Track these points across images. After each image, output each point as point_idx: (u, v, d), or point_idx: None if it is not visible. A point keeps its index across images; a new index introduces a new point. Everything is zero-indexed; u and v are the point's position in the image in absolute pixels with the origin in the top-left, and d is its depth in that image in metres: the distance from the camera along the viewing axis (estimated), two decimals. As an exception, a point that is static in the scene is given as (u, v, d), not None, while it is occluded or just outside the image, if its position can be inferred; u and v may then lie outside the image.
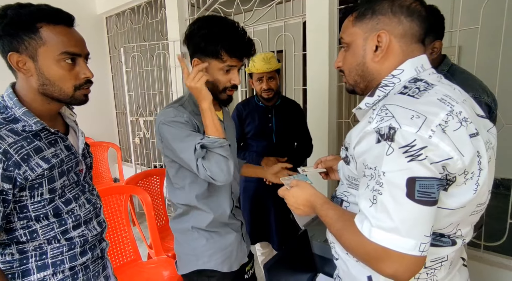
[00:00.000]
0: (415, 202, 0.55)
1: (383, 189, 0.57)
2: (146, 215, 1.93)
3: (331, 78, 2.26)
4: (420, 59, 0.69)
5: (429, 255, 0.65)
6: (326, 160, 1.11)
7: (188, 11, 3.21)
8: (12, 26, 0.73)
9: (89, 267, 0.92)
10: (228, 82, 1.04)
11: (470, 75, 1.32)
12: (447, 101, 0.61)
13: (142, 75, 3.67)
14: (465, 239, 0.69)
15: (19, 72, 0.78)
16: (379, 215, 0.57)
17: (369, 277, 0.71)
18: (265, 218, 1.90)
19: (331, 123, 2.31)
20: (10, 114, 0.76)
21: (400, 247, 0.55)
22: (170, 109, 1.02)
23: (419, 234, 0.55)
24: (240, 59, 1.02)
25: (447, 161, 0.55)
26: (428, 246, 0.57)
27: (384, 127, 0.57)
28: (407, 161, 0.55)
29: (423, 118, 0.56)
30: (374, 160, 0.59)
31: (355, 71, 0.74)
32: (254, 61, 1.75)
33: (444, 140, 0.55)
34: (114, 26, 4.03)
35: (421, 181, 0.54)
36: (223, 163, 0.96)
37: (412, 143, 0.55)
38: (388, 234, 0.56)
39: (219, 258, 1.13)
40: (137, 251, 1.91)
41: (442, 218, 0.62)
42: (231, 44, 0.98)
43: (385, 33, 0.67)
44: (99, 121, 4.09)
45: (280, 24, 2.52)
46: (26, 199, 0.77)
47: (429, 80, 0.66)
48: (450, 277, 0.72)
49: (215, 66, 1.01)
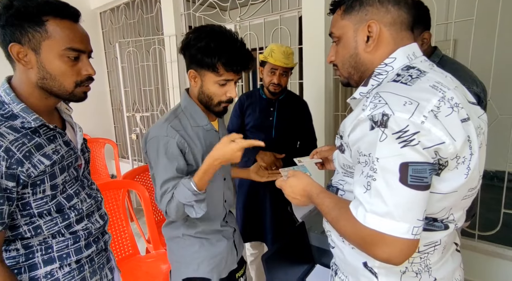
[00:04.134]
0: (408, 186, 0.55)
1: (376, 175, 0.58)
2: (144, 209, 1.94)
3: (327, 71, 2.26)
4: (411, 47, 0.70)
5: (422, 240, 0.66)
6: (322, 150, 1.12)
7: (184, 5, 3.19)
8: (17, 17, 0.71)
9: (94, 260, 0.92)
10: (223, 95, 1.02)
11: (460, 66, 1.34)
12: (439, 87, 0.62)
13: (138, 71, 3.66)
14: (458, 224, 0.70)
15: (19, 63, 0.76)
16: (373, 201, 0.58)
17: (364, 263, 0.73)
18: (259, 214, 1.83)
19: (327, 116, 2.32)
20: (8, 110, 0.74)
21: (394, 231, 0.56)
22: (166, 125, 1.00)
23: (412, 218, 0.56)
24: (237, 73, 1.00)
25: (439, 145, 0.56)
26: (421, 230, 0.58)
27: (377, 114, 0.58)
28: (400, 146, 0.56)
29: (415, 104, 0.57)
30: (368, 147, 0.59)
31: (348, 63, 0.74)
32: (273, 51, 1.65)
33: (437, 125, 0.56)
34: (109, 21, 4.00)
35: (414, 166, 0.55)
36: (181, 210, 0.98)
37: (405, 129, 0.56)
38: (382, 218, 0.57)
39: (208, 266, 1.12)
40: (135, 246, 1.92)
41: (435, 203, 0.63)
42: (228, 58, 0.96)
43: (374, 23, 0.67)
44: (95, 117, 4.07)
45: (276, 17, 2.52)
46: (28, 196, 0.76)
47: (422, 68, 0.67)
48: (443, 261, 0.73)
49: (211, 78, 0.99)
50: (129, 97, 3.66)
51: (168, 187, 0.98)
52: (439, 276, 0.72)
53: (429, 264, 0.70)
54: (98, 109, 4.15)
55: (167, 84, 3.44)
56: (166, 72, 3.40)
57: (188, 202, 0.95)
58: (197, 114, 1.07)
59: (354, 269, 0.76)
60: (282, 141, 1.78)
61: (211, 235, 1.14)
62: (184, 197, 0.95)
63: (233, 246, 1.20)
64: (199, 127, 1.06)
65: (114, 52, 3.77)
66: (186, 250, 1.12)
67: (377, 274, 0.71)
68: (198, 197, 0.96)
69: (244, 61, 0.99)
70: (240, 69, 0.99)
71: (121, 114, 4.07)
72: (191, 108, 1.07)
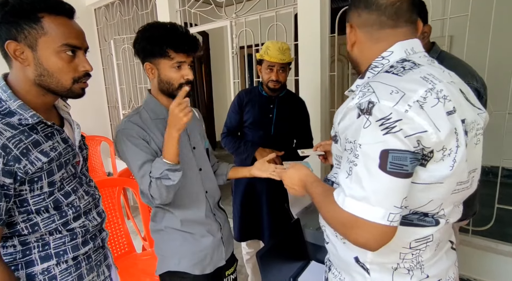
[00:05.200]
0: (387, 173, 0.57)
1: (358, 161, 0.59)
2: (140, 206, 1.93)
3: (323, 68, 2.26)
4: (411, 42, 0.70)
5: (413, 235, 0.67)
6: (326, 144, 1.14)
7: (179, 2, 3.17)
8: (13, 14, 0.72)
9: (91, 257, 0.93)
10: (181, 78, 1.06)
11: (459, 61, 1.33)
12: (430, 79, 0.62)
13: (133, 68, 3.63)
14: (449, 219, 0.70)
15: (16, 60, 0.76)
16: (353, 185, 0.60)
17: (356, 258, 0.73)
18: (256, 213, 1.83)
19: (323, 113, 2.32)
20: (5, 107, 0.75)
21: (370, 216, 0.58)
22: (125, 120, 1.07)
23: (388, 204, 0.57)
24: (187, 53, 1.05)
25: (421, 134, 0.57)
26: (398, 217, 0.58)
27: (364, 102, 0.60)
28: (383, 134, 0.57)
29: (401, 93, 0.59)
30: (354, 134, 0.61)
31: (350, 58, 0.81)
32: (268, 48, 1.66)
33: (420, 114, 0.57)
34: (104, 18, 3.96)
35: (394, 153, 0.56)
36: (162, 187, 0.99)
37: (388, 116, 0.57)
38: (359, 203, 0.58)
39: (190, 261, 1.13)
40: (131, 244, 1.92)
41: (418, 193, 0.63)
42: (174, 40, 1.02)
43: (352, 25, 0.75)
44: (91, 115, 4.04)
45: (271, 14, 2.51)
46: (26, 193, 0.76)
47: (417, 61, 0.68)
48: (437, 259, 0.73)
49: (165, 64, 1.04)
50: (124, 95, 3.64)
51: (145, 171, 1.02)
52: (432, 273, 0.72)
53: (421, 261, 0.70)
54: (94, 107, 4.12)
55: (162, 81, 3.42)
56: (161, 69, 3.38)
57: (162, 174, 0.98)
58: (157, 108, 1.12)
59: (346, 264, 0.76)
60: (280, 138, 1.79)
61: (195, 228, 1.15)
62: (157, 171, 0.99)
63: (220, 243, 1.21)
64: (158, 119, 1.10)
65: (109, 49, 3.74)
66: (168, 244, 1.15)
67: (369, 269, 0.71)
68: (170, 167, 0.99)
69: (191, 42, 1.05)
70: (189, 49, 1.05)
71: (117, 111, 4.04)
72: (151, 102, 1.12)
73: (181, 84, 1.07)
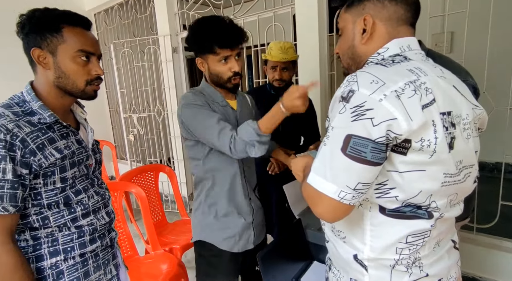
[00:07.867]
0: (345, 155, 0.61)
1: (328, 141, 0.64)
2: (141, 209, 1.93)
3: (322, 67, 2.26)
4: (407, 40, 0.72)
5: (408, 228, 0.67)
6: None
7: (177, 4, 3.18)
8: (39, 25, 0.84)
9: (98, 255, 0.97)
10: (229, 71, 1.15)
11: (449, 59, 1.32)
12: (416, 72, 0.63)
13: (133, 72, 3.64)
14: (444, 214, 0.69)
15: (39, 65, 0.87)
16: (317, 163, 0.66)
17: (354, 255, 0.73)
18: (266, 211, 1.83)
19: (323, 112, 2.31)
20: (28, 108, 0.85)
21: (324, 189, 0.63)
22: (188, 94, 1.17)
23: (341, 182, 0.62)
24: (232, 48, 1.12)
25: (390, 121, 0.58)
26: (350, 197, 0.62)
27: (346, 91, 0.63)
28: (352, 120, 0.60)
29: (381, 83, 0.60)
30: (333, 119, 0.65)
31: (347, 54, 0.79)
32: (271, 48, 1.74)
33: (394, 104, 0.58)
34: (103, 23, 3.98)
35: (356, 139, 0.60)
36: (243, 146, 1.05)
37: (362, 104, 0.60)
38: (318, 177, 0.65)
39: (220, 236, 1.24)
40: (133, 247, 1.92)
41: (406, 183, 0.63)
42: (219, 37, 1.09)
43: (369, 16, 0.72)
44: (92, 119, 3.97)
45: (269, 14, 2.51)
46: (40, 186, 0.84)
47: (409, 56, 0.68)
48: (437, 257, 0.73)
49: (213, 60, 1.14)
50: (125, 98, 3.65)
51: (223, 126, 1.08)
52: (431, 272, 0.71)
53: (419, 257, 0.70)
54: (95, 111, 4.12)
55: (163, 84, 3.43)
56: (161, 72, 3.39)
57: (250, 141, 1.04)
58: (213, 93, 1.23)
59: (345, 262, 0.76)
60: (288, 136, 1.83)
61: (229, 208, 1.25)
62: (247, 136, 1.04)
63: (250, 226, 1.30)
64: (214, 103, 1.20)
65: (109, 53, 3.75)
66: (203, 216, 1.27)
67: (367, 267, 0.71)
68: (261, 139, 1.04)
69: (234, 35, 1.12)
70: (233, 44, 1.12)
71: (118, 115, 4.06)
72: (208, 89, 1.23)
73: (230, 77, 1.16)
